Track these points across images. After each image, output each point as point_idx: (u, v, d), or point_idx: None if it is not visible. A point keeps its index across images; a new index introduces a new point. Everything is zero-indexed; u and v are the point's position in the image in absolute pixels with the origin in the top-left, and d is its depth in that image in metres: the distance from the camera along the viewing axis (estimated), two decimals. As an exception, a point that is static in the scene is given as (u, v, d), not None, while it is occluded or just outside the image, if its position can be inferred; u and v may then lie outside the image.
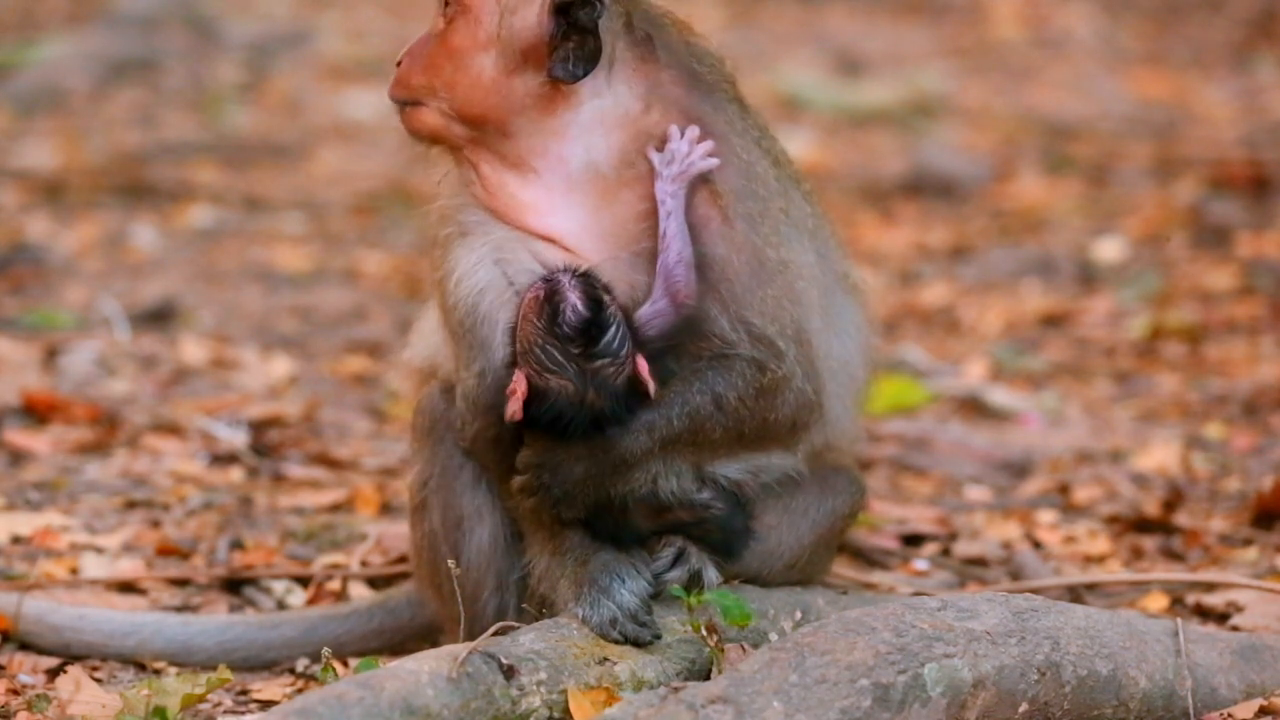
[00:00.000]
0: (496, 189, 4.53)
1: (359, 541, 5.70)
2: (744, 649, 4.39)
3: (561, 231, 4.50)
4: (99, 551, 5.59)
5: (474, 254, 4.53)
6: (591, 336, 4.34)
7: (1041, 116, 12.34)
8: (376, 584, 5.45)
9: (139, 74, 12.76)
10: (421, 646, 4.61)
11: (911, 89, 12.76)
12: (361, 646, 5.06)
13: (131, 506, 6.00)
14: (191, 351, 7.78)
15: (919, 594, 5.11)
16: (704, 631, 4.36)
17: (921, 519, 6.02)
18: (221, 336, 8.08)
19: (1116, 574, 5.57)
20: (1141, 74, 13.52)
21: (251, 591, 5.43)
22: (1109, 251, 9.56)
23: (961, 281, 9.25)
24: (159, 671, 4.94)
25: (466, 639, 4.34)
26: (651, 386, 4.38)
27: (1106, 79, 13.43)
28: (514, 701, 4.15)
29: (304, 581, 5.47)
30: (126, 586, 5.39)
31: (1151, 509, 6.09)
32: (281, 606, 5.35)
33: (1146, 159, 11.24)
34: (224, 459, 6.49)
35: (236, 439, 6.57)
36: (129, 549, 5.64)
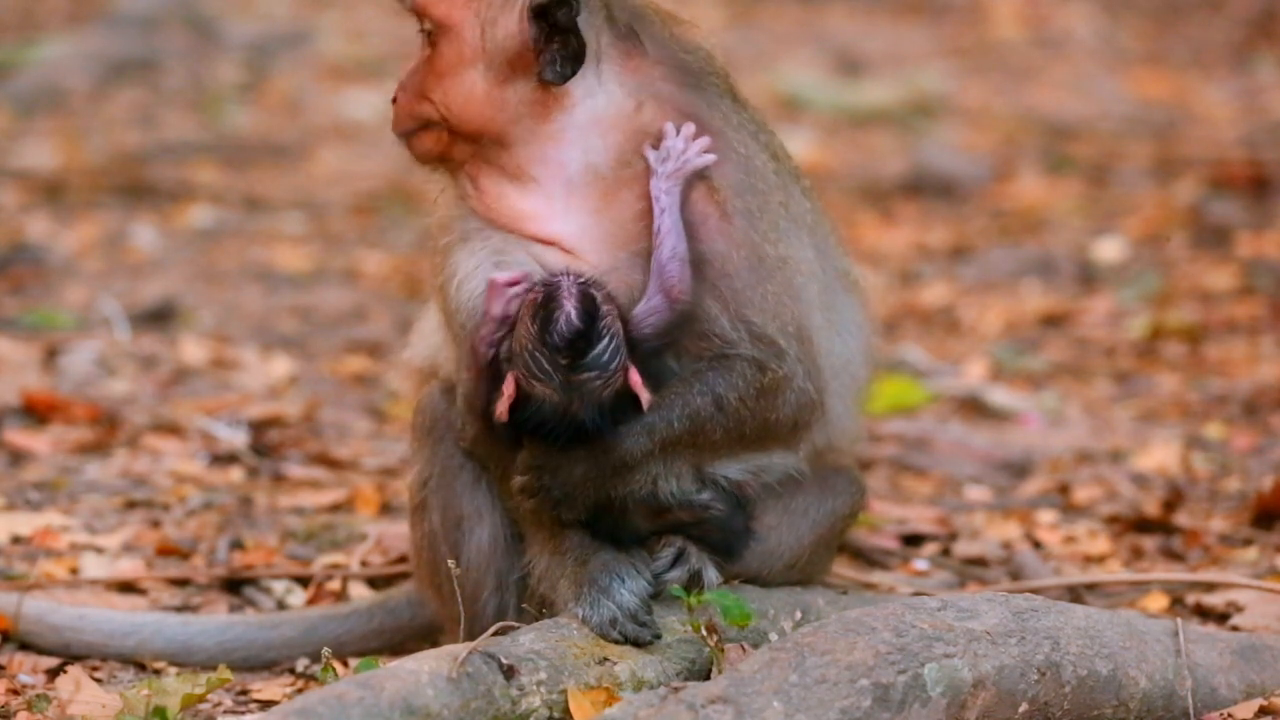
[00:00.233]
0: (496, 200, 4.52)
1: (359, 541, 5.70)
2: (744, 649, 4.39)
3: (562, 236, 4.49)
4: (99, 551, 5.59)
5: (474, 258, 4.52)
6: (579, 349, 4.32)
7: (1041, 116, 12.33)
8: (376, 584, 5.44)
9: (139, 74, 12.75)
10: (421, 646, 4.61)
11: (911, 89, 12.76)
12: (361, 646, 5.06)
13: (131, 506, 6.00)
14: (191, 351, 7.77)
15: (919, 594, 5.10)
16: (704, 631, 4.36)
17: (921, 519, 6.02)
18: (221, 336, 8.08)
19: (1116, 574, 5.57)
20: (1141, 74, 13.51)
21: (251, 591, 5.43)
22: (1109, 251, 9.56)
23: (961, 281, 9.25)
24: (159, 671, 4.93)
25: (466, 639, 4.34)
26: (645, 398, 4.37)
27: (1106, 79, 13.42)
28: (514, 701, 4.15)
29: (304, 581, 5.46)
30: (126, 586, 5.39)
31: (1151, 509, 6.09)
32: (281, 606, 5.35)
33: (1146, 159, 11.23)
34: (224, 459, 6.49)
35: (236, 439, 6.57)
36: (129, 549, 5.64)
